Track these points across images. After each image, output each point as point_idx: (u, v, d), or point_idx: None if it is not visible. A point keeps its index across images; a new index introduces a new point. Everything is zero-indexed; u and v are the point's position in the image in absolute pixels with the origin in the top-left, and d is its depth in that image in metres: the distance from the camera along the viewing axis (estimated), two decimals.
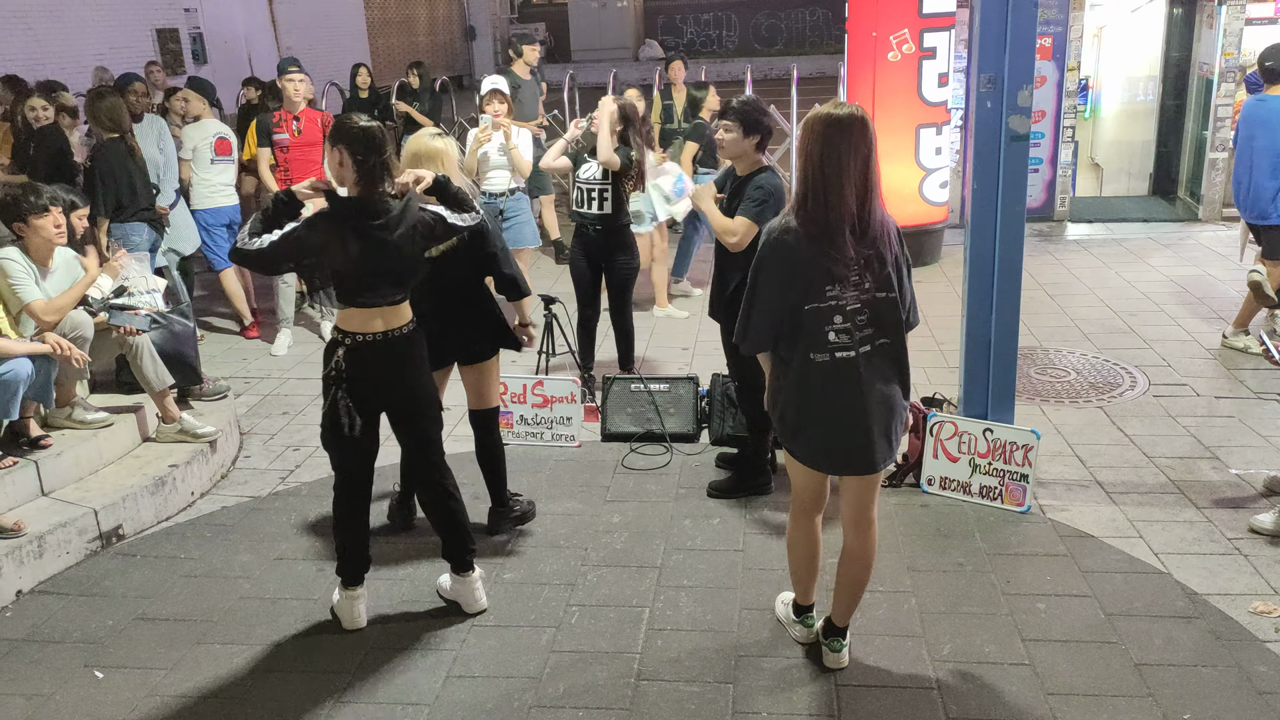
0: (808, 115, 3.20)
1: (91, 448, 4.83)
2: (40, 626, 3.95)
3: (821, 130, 3.09)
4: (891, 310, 3.18)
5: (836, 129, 3.07)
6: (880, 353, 3.19)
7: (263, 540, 4.55)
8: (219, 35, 16.90)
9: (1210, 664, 3.46)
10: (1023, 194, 4.56)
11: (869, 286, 3.14)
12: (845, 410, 3.19)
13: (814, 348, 3.16)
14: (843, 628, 3.51)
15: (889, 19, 7.94)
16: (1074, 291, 7.72)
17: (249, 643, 3.79)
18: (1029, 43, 4.42)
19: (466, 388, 4.42)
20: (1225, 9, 8.91)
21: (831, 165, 3.06)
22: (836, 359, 3.15)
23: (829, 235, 3.08)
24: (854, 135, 3.06)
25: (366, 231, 3.49)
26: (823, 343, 3.15)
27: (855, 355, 3.15)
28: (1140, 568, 4.06)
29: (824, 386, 3.18)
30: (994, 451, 4.54)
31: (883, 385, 3.20)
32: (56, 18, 13.42)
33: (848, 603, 3.48)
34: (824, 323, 3.14)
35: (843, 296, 3.12)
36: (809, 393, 3.21)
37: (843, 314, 3.13)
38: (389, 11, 23.77)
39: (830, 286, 3.12)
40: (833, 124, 3.08)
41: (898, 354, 3.23)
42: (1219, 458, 4.96)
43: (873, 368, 3.18)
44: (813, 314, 3.14)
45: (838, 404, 3.19)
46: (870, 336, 3.16)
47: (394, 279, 3.59)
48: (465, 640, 3.75)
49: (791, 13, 28.94)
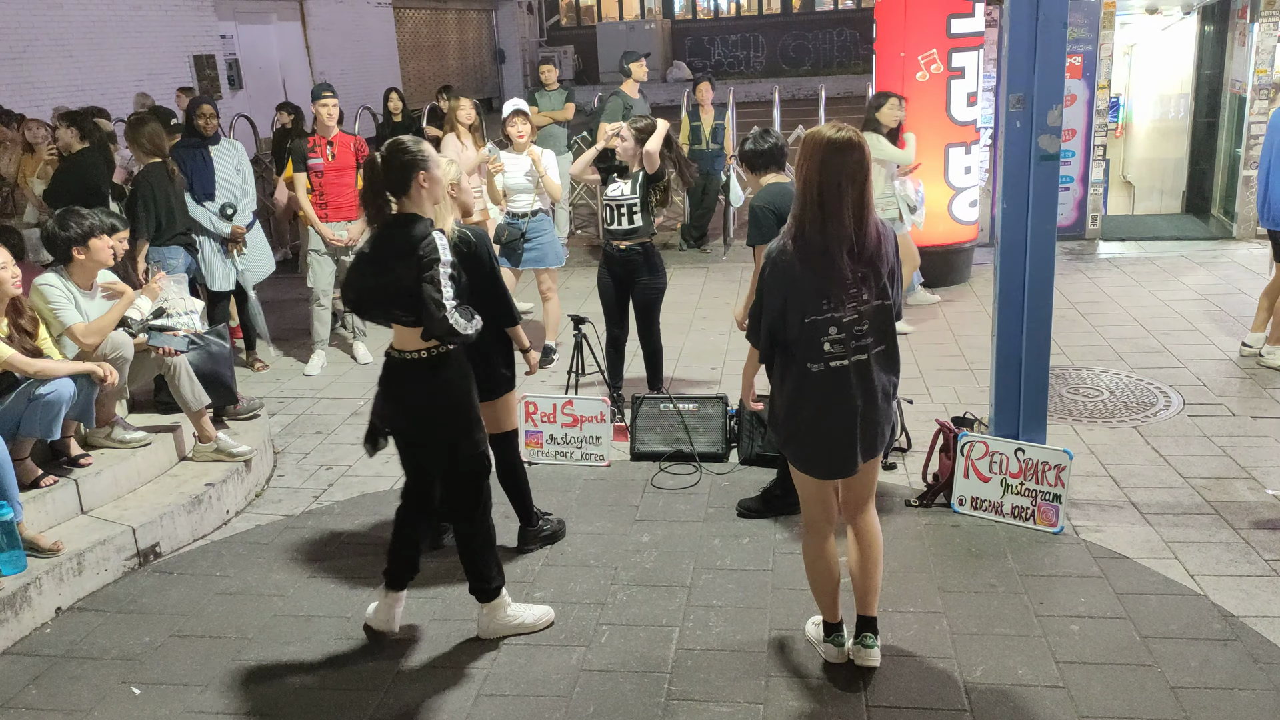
0: (805, 136, 3.27)
1: (130, 466, 4.91)
2: (79, 643, 4.02)
3: (819, 155, 3.17)
4: (887, 316, 3.33)
5: (834, 153, 3.16)
6: (877, 358, 3.32)
7: (296, 558, 4.60)
8: (254, 61, 17.19)
9: (1248, 687, 3.41)
10: (1053, 213, 4.54)
11: (866, 298, 3.25)
12: (837, 415, 3.32)
13: (813, 359, 3.29)
14: (870, 619, 3.55)
15: (917, 39, 7.95)
16: (1106, 310, 7.66)
17: (283, 660, 3.83)
18: (1058, 62, 4.42)
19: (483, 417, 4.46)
20: (1258, 26, 8.85)
21: (830, 190, 3.16)
22: (831, 368, 3.29)
23: (826, 257, 3.19)
24: (851, 159, 3.15)
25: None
26: (819, 354, 3.28)
27: (848, 364, 3.28)
28: (1176, 589, 4.01)
29: (819, 394, 3.31)
30: (1026, 471, 4.51)
31: (874, 388, 3.33)
32: (95, 45, 13.71)
33: (865, 587, 3.53)
34: (820, 335, 3.26)
35: (839, 309, 3.23)
36: (804, 400, 3.33)
37: (838, 325, 3.24)
38: (420, 36, 24.08)
39: (826, 302, 3.23)
40: (830, 148, 3.16)
41: (894, 357, 3.40)
42: (1255, 478, 4.90)
43: (866, 373, 3.31)
44: (810, 328, 3.27)
45: (830, 410, 3.32)
46: (868, 345, 3.29)
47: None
48: (496, 659, 3.77)
49: (819, 33, 29.03)
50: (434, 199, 3.61)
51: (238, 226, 6.73)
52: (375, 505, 5.09)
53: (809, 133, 3.24)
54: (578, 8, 31.69)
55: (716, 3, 31.11)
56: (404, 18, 23.05)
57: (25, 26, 12.72)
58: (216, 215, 6.65)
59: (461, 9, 25.98)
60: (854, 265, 3.21)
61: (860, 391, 3.31)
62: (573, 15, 31.65)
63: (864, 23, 15.68)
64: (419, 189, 3.55)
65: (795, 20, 29.75)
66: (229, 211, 6.69)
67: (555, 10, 30.94)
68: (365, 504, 5.12)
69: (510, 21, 27.67)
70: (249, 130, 11.91)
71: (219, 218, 6.66)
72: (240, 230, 6.75)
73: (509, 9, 27.49)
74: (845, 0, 29.78)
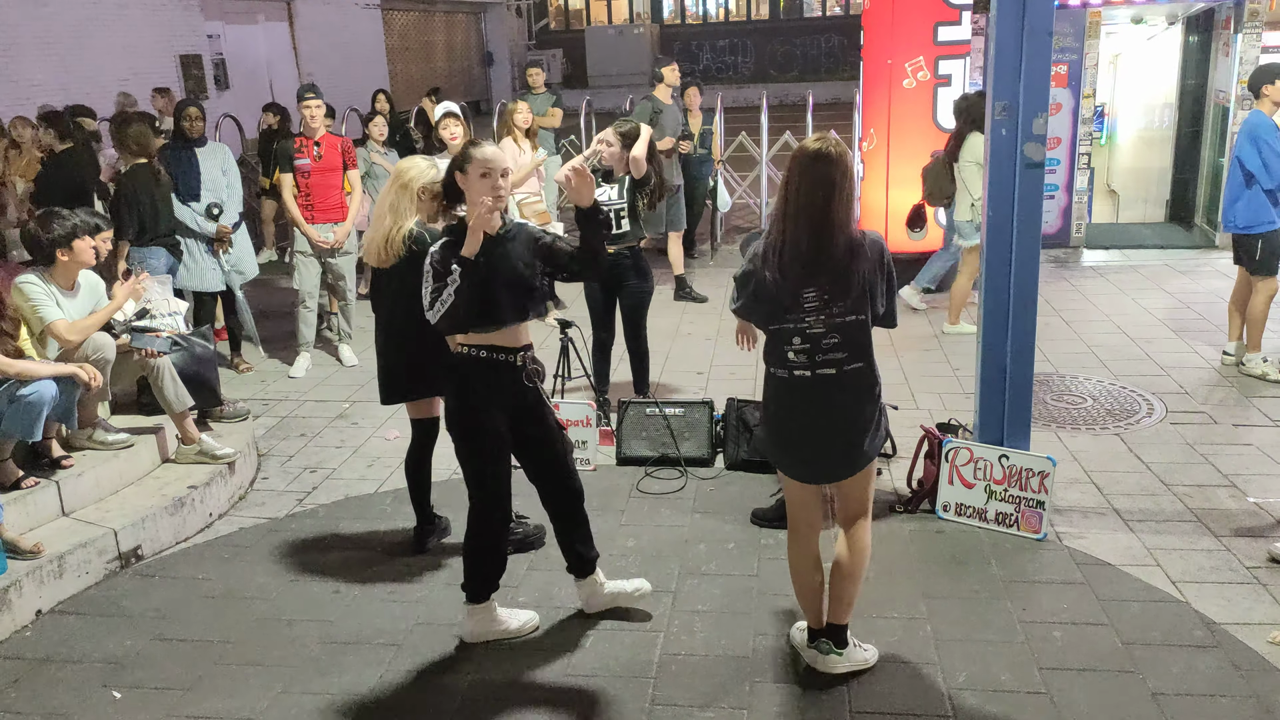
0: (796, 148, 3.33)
1: (112, 469, 4.88)
2: (59, 646, 3.99)
3: (795, 165, 3.24)
4: (862, 333, 3.31)
5: (807, 163, 3.21)
6: (851, 376, 3.32)
7: (280, 562, 4.57)
8: (241, 61, 17.14)
9: (1228, 694, 3.43)
10: (1038, 220, 4.57)
11: (836, 311, 3.26)
12: (808, 424, 3.36)
13: (776, 364, 3.38)
14: (837, 627, 3.55)
15: (904, 46, 7.99)
16: (1090, 318, 7.71)
17: (265, 663, 3.81)
18: (1044, 71, 4.44)
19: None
20: (1241, 37, 8.93)
21: (798, 201, 3.22)
22: (795, 377, 3.33)
23: (791, 267, 3.24)
24: (822, 171, 3.19)
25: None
26: (783, 360, 3.34)
27: (812, 375, 3.30)
28: (1158, 596, 4.03)
29: (787, 401, 3.38)
30: (1010, 478, 4.53)
31: (846, 405, 3.34)
32: (81, 44, 13.64)
33: (838, 594, 3.53)
34: (783, 343, 3.32)
35: (804, 320, 3.27)
36: (778, 405, 3.42)
37: (802, 336, 3.28)
38: (408, 38, 24.05)
39: (788, 311, 3.28)
40: (804, 159, 3.22)
41: (869, 379, 3.36)
42: (1236, 486, 4.93)
43: (833, 389, 3.31)
44: (775, 334, 3.36)
45: (800, 418, 3.37)
46: (840, 360, 3.29)
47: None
48: (481, 664, 3.76)
49: (807, 39, 29.14)
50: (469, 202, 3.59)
51: (223, 226, 6.70)
52: (360, 508, 5.07)
53: (797, 148, 3.30)
54: (566, 11, 31.73)
55: (705, 8, 31.20)
56: (392, 19, 23.03)
57: (10, 25, 12.65)
58: (202, 215, 6.62)
59: (450, 11, 25.97)
60: (821, 278, 3.24)
61: (827, 404, 3.32)
62: (561, 19, 31.69)
63: (852, 29, 15.75)
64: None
65: (783, 26, 29.87)
66: (215, 212, 6.66)
67: (544, 14, 30.97)
68: (350, 507, 5.10)
69: (499, 24, 27.68)
70: (235, 131, 11.87)
71: (204, 218, 6.63)
72: (226, 230, 6.72)
73: (497, 12, 27.50)
74: (834, 7, 29.90)
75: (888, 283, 3.36)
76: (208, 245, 6.71)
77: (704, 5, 31.17)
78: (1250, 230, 6.24)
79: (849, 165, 3.25)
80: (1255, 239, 6.24)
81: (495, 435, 3.69)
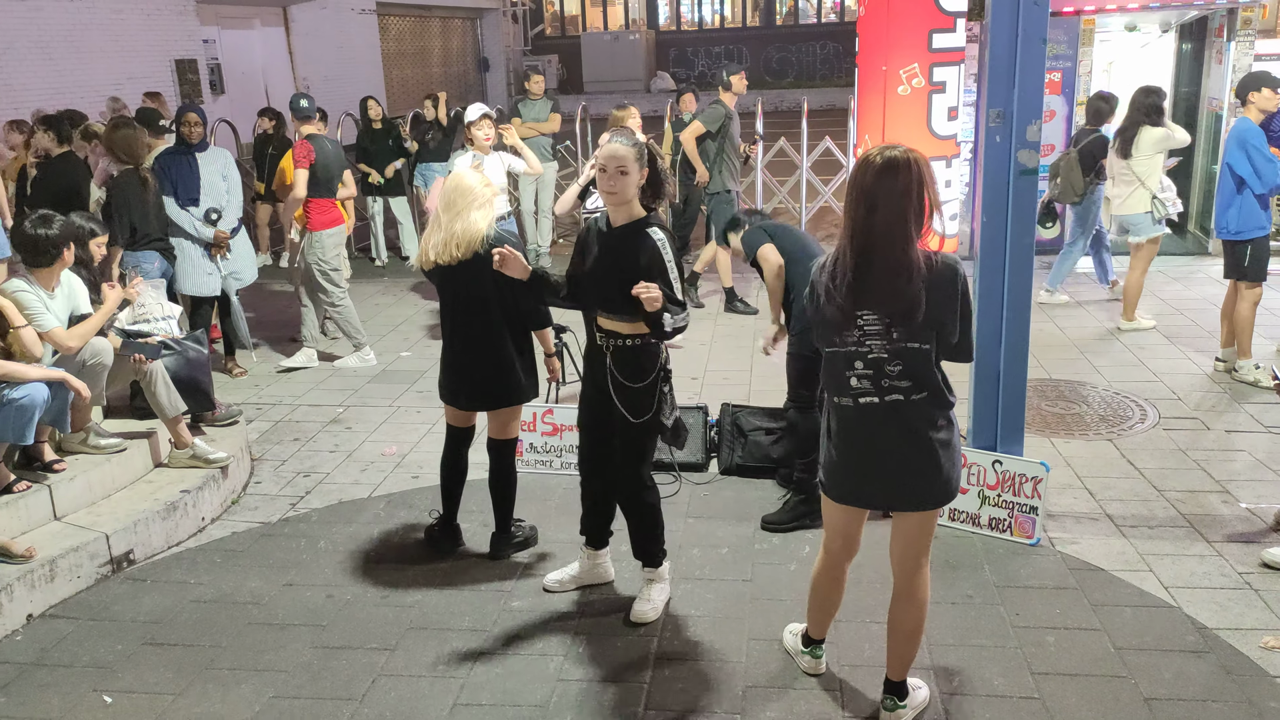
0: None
1: (104, 472, 4.87)
2: (50, 650, 3.97)
3: (857, 177, 3.01)
4: (924, 363, 3.05)
5: (870, 177, 2.97)
6: (917, 407, 3.07)
7: (272, 566, 4.56)
8: (236, 66, 17.13)
9: (1220, 699, 3.44)
10: (1032, 227, 4.58)
11: (897, 336, 3.03)
12: (872, 453, 3.13)
13: (837, 392, 3.14)
14: (899, 683, 3.35)
15: (899, 53, 7.99)
16: (1084, 324, 7.72)
17: (257, 669, 3.80)
18: (1038, 78, 4.46)
19: (489, 419, 4.45)
20: (1234, 45, 8.97)
21: (862, 218, 2.99)
22: (860, 404, 3.09)
23: (851, 288, 3.02)
24: (885, 185, 2.94)
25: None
26: (845, 387, 3.11)
27: (880, 403, 3.06)
28: (1150, 601, 4.04)
29: (850, 430, 3.14)
30: (1003, 483, 4.53)
31: (918, 433, 3.08)
32: (76, 48, 13.62)
33: (898, 654, 3.33)
34: (844, 368, 3.10)
35: (865, 344, 3.05)
36: (838, 432, 3.18)
37: (864, 360, 3.05)
38: (404, 43, 24.07)
39: (849, 332, 3.06)
40: (867, 171, 2.98)
41: (939, 412, 3.10)
42: (1229, 492, 4.94)
43: (903, 417, 3.07)
44: (831, 357, 3.14)
45: (863, 447, 3.14)
46: (907, 389, 3.05)
47: None
48: (473, 669, 3.75)
49: (802, 46, 29.21)
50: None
51: (221, 231, 6.70)
52: (353, 513, 5.06)
53: (861, 155, 3.08)
54: (562, 17, 31.78)
55: (701, 14, 31.28)
56: (388, 24, 23.03)
57: (4, 29, 12.64)
58: (201, 220, 6.62)
59: (446, 17, 25.99)
60: (880, 300, 3.00)
61: (897, 432, 3.08)
62: (557, 25, 31.74)
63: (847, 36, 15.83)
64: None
65: (779, 33, 29.94)
66: (214, 217, 6.65)
67: (540, 20, 31.01)
68: (343, 511, 5.09)
69: (495, 30, 27.69)
70: (230, 135, 11.86)
71: (203, 223, 6.63)
72: (224, 235, 6.72)
73: (493, 17, 27.53)
74: (829, 14, 29.98)
75: (964, 312, 3.07)
76: (205, 250, 6.70)
77: (699, 12, 31.24)
78: (1241, 236, 6.27)
79: (924, 174, 2.95)
80: (1245, 245, 6.27)
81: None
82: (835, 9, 29.89)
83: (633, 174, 3.69)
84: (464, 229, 4.13)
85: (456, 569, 4.47)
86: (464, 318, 4.27)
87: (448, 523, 4.64)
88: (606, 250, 3.80)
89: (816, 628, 3.60)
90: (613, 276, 3.71)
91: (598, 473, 4.08)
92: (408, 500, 5.17)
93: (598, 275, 3.82)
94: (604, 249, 3.82)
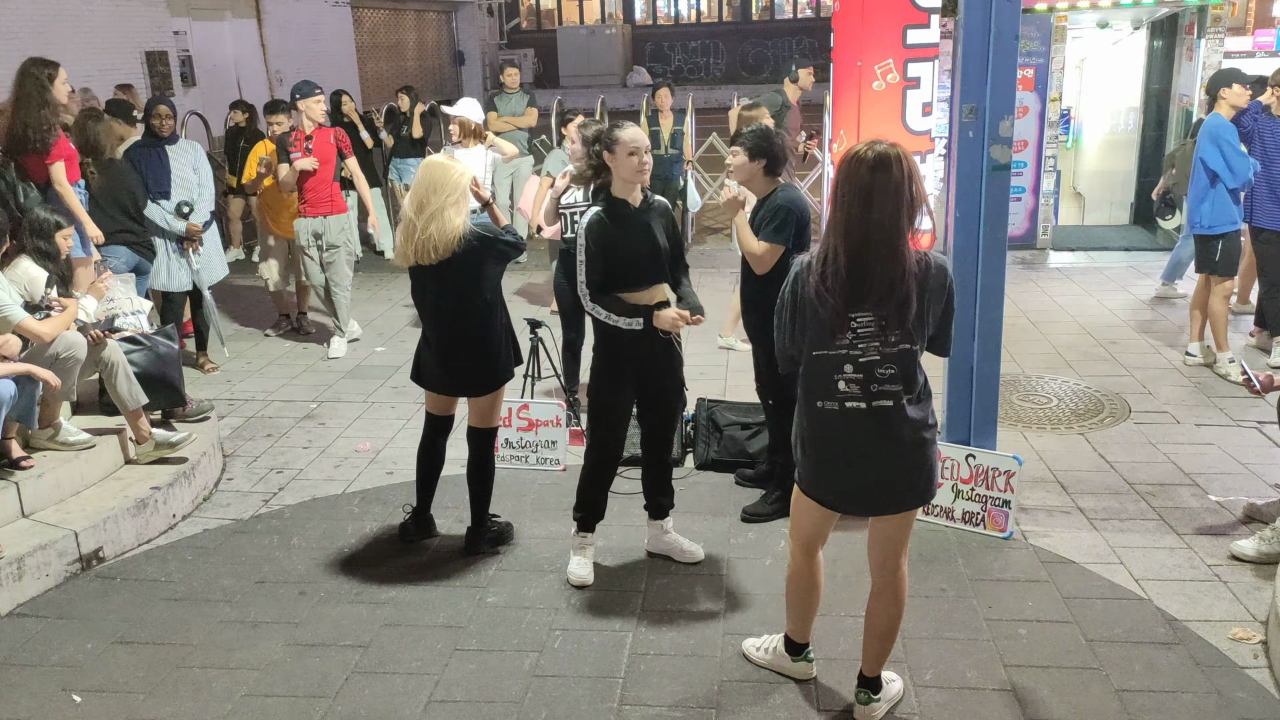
0: (842, 153, 3.01)
1: (73, 469, 4.81)
2: (18, 650, 3.92)
3: (849, 175, 2.91)
4: (912, 363, 3.01)
5: (864, 173, 2.89)
6: (900, 411, 3.01)
7: (244, 563, 4.52)
8: (208, 59, 16.93)
9: (1190, 690, 3.48)
10: (1004, 222, 4.61)
11: (893, 340, 2.97)
12: (857, 456, 3.07)
13: (822, 395, 3.05)
14: (872, 678, 3.36)
15: (873, 49, 8.01)
16: (1056, 319, 7.78)
17: (229, 667, 3.76)
18: (1010, 74, 4.48)
19: (470, 407, 4.44)
20: (1204, 42, 9.06)
21: (857, 217, 2.90)
22: (846, 409, 3.02)
23: (845, 290, 2.94)
24: (880, 181, 2.87)
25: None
26: (831, 391, 3.02)
27: (867, 408, 3.00)
28: (1121, 594, 4.08)
29: (836, 434, 3.07)
30: (976, 477, 4.56)
31: (902, 438, 3.03)
32: (44, 39, 13.39)
33: (874, 649, 3.33)
34: (833, 371, 3.01)
35: (857, 346, 2.98)
36: (817, 436, 3.11)
37: (854, 364, 2.98)
38: (378, 36, 23.88)
39: (841, 335, 2.99)
40: (860, 167, 2.90)
41: (924, 413, 3.06)
42: (1198, 484, 5.00)
43: (890, 420, 3.01)
44: (820, 360, 3.04)
45: (849, 451, 3.08)
46: (895, 393, 3.00)
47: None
48: (448, 665, 3.74)
49: (778, 41, 29.21)
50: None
51: (193, 225, 6.63)
52: (326, 509, 5.03)
53: (846, 150, 2.97)
54: (538, 11, 31.63)
55: (677, 9, 31.21)
56: (362, 17, 22.85)
57: None
58: (172, 214, 6.55)
59: (420, 10, 25.81)
60: (874, 301, 2.93)
61: (882, 436, 3.02)
62: (533, 19, 31.58)
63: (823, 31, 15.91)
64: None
65: (755, 28, 29.93)
66: (185, 210, 6.59)
67: (515, 13, 30.85)
68: (317, 508, 5.06)
69: (470, 24, 27.53)
70: (201, 128, 11.73)
71: (174, 216, 6.56)
72: (196, 229, 6.66)
73: (469, 11, 27.36)
74: (804, 9, 30.02)
75: (946, 310, 3.06)
76: (177, 244, 6.64)
77: (676, 6, 31.17)
78: (1213, 230, 6.34)
79: (913, 169, 2.89)
80: (1217, 239, 6.34)
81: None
82: (810, 4, 29.93)
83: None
84: (440, 230, 4.09)
85: (431, 565, 4.44)
86: (449, 309, 4.26)
87: (420, 514, 4.63)
88: (644, 228, 4.07)
89: (801, 629, 3.53)
90: (659, 248, 4.08)
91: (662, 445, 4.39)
92: (382, 496, 5.14)
93: (652, 252, 4.07)
94: (641, 227, 4.06)
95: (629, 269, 4.02)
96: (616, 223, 4.02)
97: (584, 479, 4.32)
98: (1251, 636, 3.75)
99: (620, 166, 3.98)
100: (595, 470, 4.30)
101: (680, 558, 4.40)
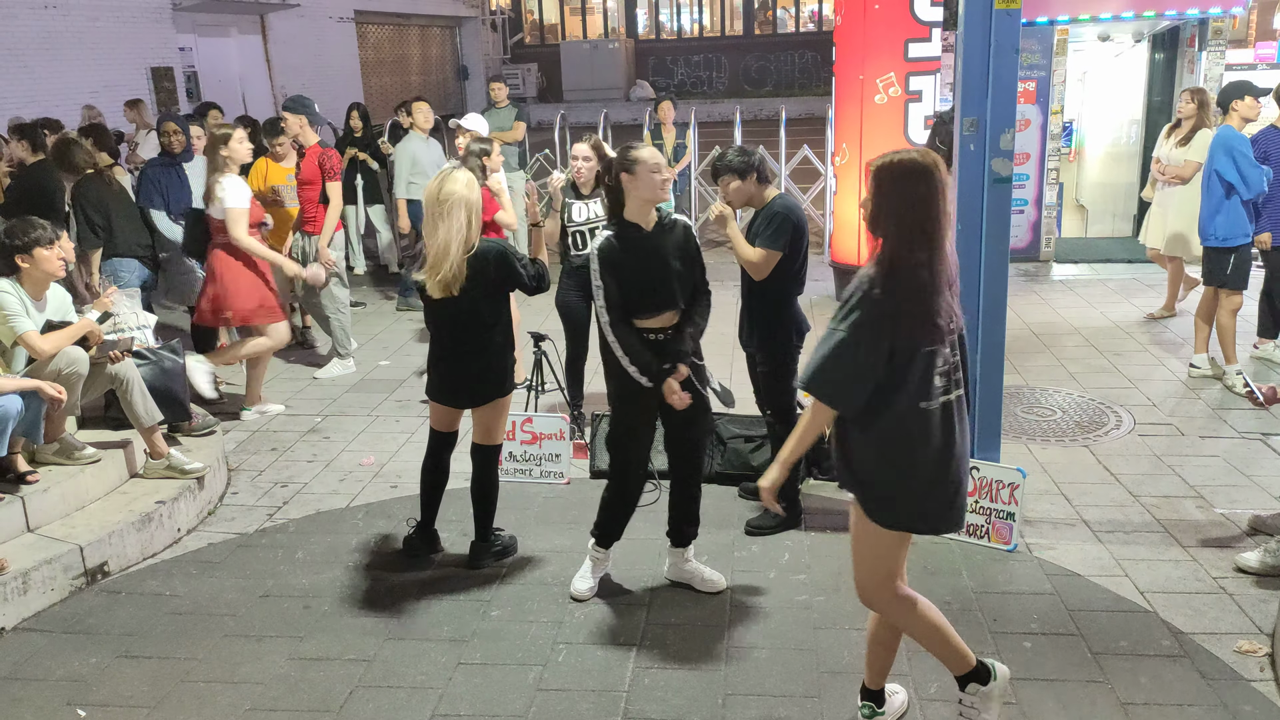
0: (880, 165, 2.95)
1: (78, 484, 4.82)
2: (23, 664, 3.92)
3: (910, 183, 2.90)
4: (963, 349, 3.07)
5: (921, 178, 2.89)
6: (961, 401, 3.03)
7: (249, 577, 4.53)
8: (213, 74, 17.03)
9: (1196, 703, 3.46)
10: (1006, 234, 4.62)
11: (953, 326, 2.98)
12: (950, 458, 2.99)
13: (923, 396, 2.92)
14: (876, 691, 3.35)
15: (875, 63, 8.06)
16: (1059, 331, 7.78)
17: (233, 681, 3.77)
18: (1010, 87, 4.50)
19: (475, 422, 4.44)
20: (1205, 54, 9.09)
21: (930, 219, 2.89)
22: (942, 403, 2.96)
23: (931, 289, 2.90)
24: (935, 183, 2.89)
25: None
26: (929, 390, 2.92)
27: (952, 399, 2.99)
28: (1126, 606, 4.07)
29: (928, 437, 2.95)
30: (981, 490, 4.56)
31: (966, 427, 3.06)
32: (53, 55, 13.51)
33: (877, 663, 3.33)
34: (932, 368, 2.93)
35: (944, 341, 2.96)
36: (912, 447, 2.96)
37: (943, 358, 2.96)
38: (383, 51, 24.01)
39: (934, 333, 2.93)
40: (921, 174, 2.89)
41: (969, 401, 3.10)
42: (1204, 497, 4.99)
43: (964, 409, 3.04)
44: (925, 358, 2.91)
45: (940, 454, 2.98)
46: (962, 379, 3.03)
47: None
48: (452, 679, 3.73)
49: (780, 55, 29.34)
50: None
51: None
52: (331, 523, 5.03)
53: (885, 162, 2.93)
54: (541, 26, 31.79)
55: (680, 23, 31.36)
56: (366, 33, 22.97)
57: None
58: None
59: (425, 25, 25.94)
60: (949, 294, 2.96)
61: (963, 430, 3.01)
62: (536, 33, 31.74)
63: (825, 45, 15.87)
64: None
65: (758, 42, 30.06)
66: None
67: (519, 28, 31.01)
68: (321, 522, 5.06)
69: (474, 38, 27.67)
70: None
71: None
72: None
73: (473, 26, 27.51)
74: (807, 23, 30.14)
75: None
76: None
77: (679, 21, 31.32)
78: (1228, 243, 6.30)
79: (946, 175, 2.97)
80: (1229, 252, 6.31)
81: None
82: (813, 19, 30.05)
83: None
84: (454, 268, 4.11)
85: (435, 579, 4.45)
86: (463, 326, 4.27)
87: (426, 528, 4.63)
88: (654, 252, 3.99)
89: (963, 657, 3.23)
90: (671, 272, 4.00)
91: (690, 472, 4.29)
92: (386, 510, 5.15)
93: (662, 277, 3.99)
94: (651, 252, 3.99)
95: (636, 294, 3.97)
96: (626, 247, 3.96)
97: (603, 505, 4.26)
98: (1258, 649, 3.74)
99: (642, 186, 3.93)
100: (612, 502, 4.24)
101: (702, 587, 4.26)
